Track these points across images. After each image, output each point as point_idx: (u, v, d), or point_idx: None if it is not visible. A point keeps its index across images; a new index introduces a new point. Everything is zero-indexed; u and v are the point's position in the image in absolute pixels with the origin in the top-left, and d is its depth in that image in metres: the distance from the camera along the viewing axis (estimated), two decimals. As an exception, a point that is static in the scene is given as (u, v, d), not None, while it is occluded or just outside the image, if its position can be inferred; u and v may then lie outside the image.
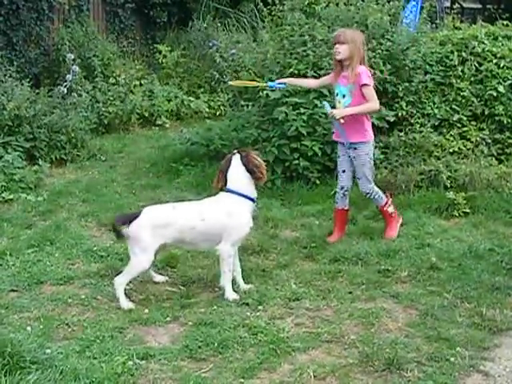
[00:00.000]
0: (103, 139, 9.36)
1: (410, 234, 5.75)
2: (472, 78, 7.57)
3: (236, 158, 4.72)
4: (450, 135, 7.35)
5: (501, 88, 7.41)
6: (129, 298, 4.54)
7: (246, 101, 7.75)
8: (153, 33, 13.25)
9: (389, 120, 7.18)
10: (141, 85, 10.99)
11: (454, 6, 11.84)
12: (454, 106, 7.48)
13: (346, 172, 5.64)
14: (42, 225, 6.05)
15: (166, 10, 13.06)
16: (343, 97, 5.49)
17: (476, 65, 7.60)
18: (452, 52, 7.66)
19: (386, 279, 4.91)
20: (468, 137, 7.36)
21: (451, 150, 7.17)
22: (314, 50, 7.33)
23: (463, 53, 7.65)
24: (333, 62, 5.71)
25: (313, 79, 6.47)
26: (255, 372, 3.67)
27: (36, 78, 10.41)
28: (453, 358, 3.79)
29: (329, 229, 5.83)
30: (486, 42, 7.74)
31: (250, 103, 7.65)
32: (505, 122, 7.44)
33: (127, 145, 9.29)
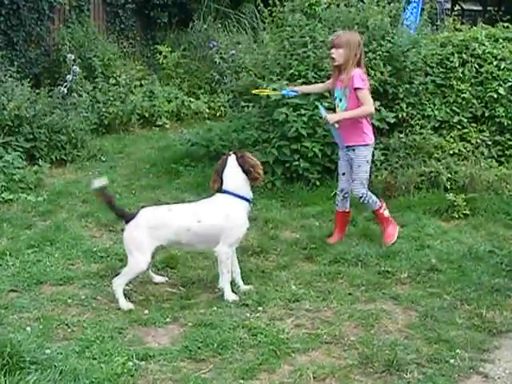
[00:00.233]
0: (103, 140, 9.35)
1: (409, 236, 5.75)
2: (472, 80, 7.58)
3: (232, 158, 4.69)
4: (450, 137, 7.35)
5: (501, 90, 7.41)
6: (128, 298, 4.54)
7: (246, 102, 7.74)
8: (153, 33, 13.27)
9: (389, 121, 7.17)
10: (141, 85, 10.98)
11: (454, 8, 11.82)
12: (454, 108, 7.49)
13: (346, 175, 5.61)
14: (41, 225, 6.05)
15: (166, 11, 13.08)
16: (340, 100, 5.46)
17: (476, 67, 7.60)
18: (452, 54, 7.66)
19: (386, 281, 4.91)
20: (468, 138, 7.37)
21: (451, 152, 7.17)
22: (315, 51, 7.33)
23: (464, 55, 7.65)
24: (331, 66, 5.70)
25: (320, 84, 6.29)
26: (255, 373, 3.66)
27: (36, 78, 10.41)
28: (452, 360, 3.79)
29: (329, 230, 5.82)
30: (486, 43, 7.74)
31: (250, 104, 7.64)
32: (505, 123, 7.44)
33: (127, 145, 9.28)
